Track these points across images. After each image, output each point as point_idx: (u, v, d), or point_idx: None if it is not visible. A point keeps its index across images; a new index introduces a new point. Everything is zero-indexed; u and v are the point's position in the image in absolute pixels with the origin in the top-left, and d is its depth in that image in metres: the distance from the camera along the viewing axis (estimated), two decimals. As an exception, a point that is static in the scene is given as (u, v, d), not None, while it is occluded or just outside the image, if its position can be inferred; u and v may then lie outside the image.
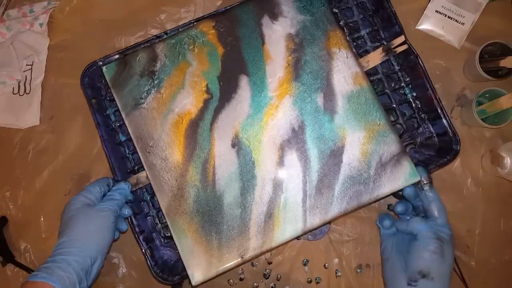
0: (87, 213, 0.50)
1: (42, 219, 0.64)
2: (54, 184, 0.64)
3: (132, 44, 0.61)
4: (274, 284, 0.61)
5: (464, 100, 0.64)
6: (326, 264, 0.61)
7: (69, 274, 0.45)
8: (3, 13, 0.68)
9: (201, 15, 0.61)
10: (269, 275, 0.61)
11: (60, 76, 0.67)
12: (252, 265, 0.62)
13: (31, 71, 0.67)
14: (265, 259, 0.62)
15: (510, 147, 0.60)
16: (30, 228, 0.64)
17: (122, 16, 0.66)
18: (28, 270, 0.62)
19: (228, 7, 0.59)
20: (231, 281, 0.61)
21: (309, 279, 0.61)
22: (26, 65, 0.67)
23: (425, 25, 0.65)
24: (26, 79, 0.67)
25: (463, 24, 0.64)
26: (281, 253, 0.62)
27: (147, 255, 0.57)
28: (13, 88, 0.67)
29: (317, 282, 0.61)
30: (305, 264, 0.61)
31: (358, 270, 0.61)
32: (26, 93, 0.66)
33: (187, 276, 0.52)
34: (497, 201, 0.62)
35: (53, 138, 0.66)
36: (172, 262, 0.60)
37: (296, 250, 0.62)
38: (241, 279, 0.62)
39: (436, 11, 0.65)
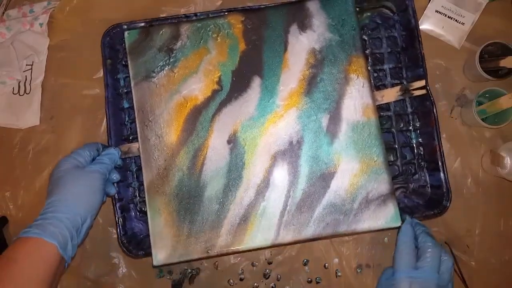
0: (76, 174, 0.50)
1: (42, 219, 0.64)
2: (54, 184, 0.64)
3: (160, 16, 0.61)
4: (274, 284, 0.61)
5: (464, 100, 0.64)
6: (326, 264, 0.61)
7: (62, 230, 0.46)
8: (3, 13, 0.68)
9: (232, 8, 0.61)
10: (269, 275, 0.61)
11: (60, 76, 0.67)
12: (252, 265, 0.62)
13: (31, 71, 0.67)
14: (265, 259, 0.62)
15: (510, 147, 0.60)
16: (30, 228, 0.64)
17: (122, 16, 0.66)
18: (28, 270, 0.62)
19: (261, 6, 0.59)
20: (231, 281, 0.61)
21: (309, 279, 0.61)
22: (26, 65, 0.67)
23: (425, 25, 0.65)
24: (26, 79, 0.67)
25: (463, 24, 0.64)
26: (281, 253, 0.62)
27: (118, 223, 0.57)
28: (13, 88, 0.67)
29: (317, 282, 0.61)
30: (305, 264, 0.61)
31: (358, 270, 0.61)
32: (26, 93, 0.66)
33: (150, 254, 0.53)
34: (497, 201, 0.62)
35: (53, 138, 0.66)
36: (141, 236, 0.60)
37: (296, 250, 0.62)
38: (241, 279, 0.62)
39: (436, 11, 0.65)
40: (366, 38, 0.63)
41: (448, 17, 0.64)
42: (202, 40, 0.57)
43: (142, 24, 0.60)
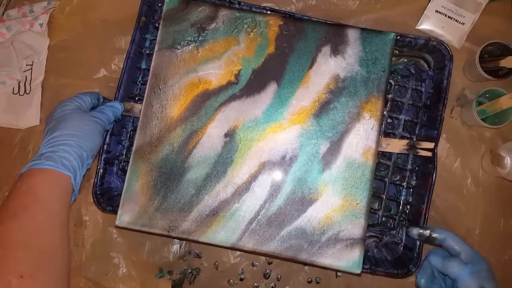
0: (82, 115, 0.51)
1: (42, 219, 0.64)
2: (54, 184, 0.64)
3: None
4: (274, 284, 0.61)
5: (464, 100, 0.64)
6: (326, 264, 0.61)
7: (72, 163, 0.46)
8: (3, 13, 0.68)
9: (275, 8, 0.60)
10: (269, 275, 0.61)
11: (60, 76, 0.67)
12: (252, 265, 0.62)
13: (31, 71, 0.67)
14: (265, 259, 0.62)
15: (510, 147, 0.60)
16: (30, 228, 0.64)
17: (122, 16, 0.66)
18: (28, 270, 0.62)
19: (304, 16, 0.59)
20: (232, 281, 0.61)
21: (309, 279, 0.61)
22: (26, 65, 0.67)
23: (425, 25, 0.65)
24: (26, 79, 0.67)
25: (463, 24, 0.64)
26: (281, 253, 0.62)
27: (98, 173, 0.58)
28: (13, 88, 0.67)
29: (317, 282, 0.61)
30: (305, 264, 0.62)
31: (358, 270, 0.61)
32: (26, 93, 0.66)
33: (116, 212, 0.54)
34: (497, 201, 0.62)
35: (53, 138, 0.66)
36: (115, 193, 0.60)
37: (296, 250, 0.62)
38: (241, 279, 0.62)
39: (436, 11, 0.65)
40: (392, 83, 0.61)
41: (448, 17, 0.64)
42: (236, 30, 0.57)
43: None
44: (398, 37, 0.58)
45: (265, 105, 0.55)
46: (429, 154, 0.57)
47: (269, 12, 0.59)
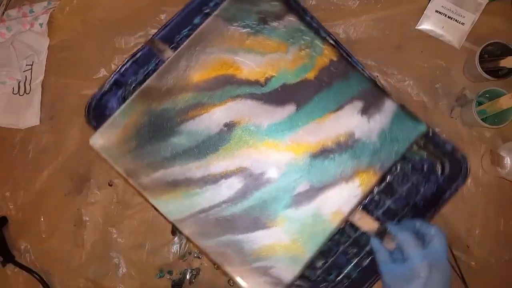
0: None
1: (42, 219, 0.64)
2: (54, 184, 0.64)
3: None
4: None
5: (464, 100, 0.64)
6: (326, 264, 0.61)
7: None
8: (3, 13, 0.68)
9: (336, 41, 0.59)
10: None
11: (60, 76, 0.67)
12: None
13: (31, 71, 0.67)
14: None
15: (510, 147, 0.60)
16: (30, 228, 0.64)
17: (122, 16, 0.66)
18: (28, 270, 0.62)
19: (357, 63, 0.58)
20: (231, 281, 0.61)
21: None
22: (26, 65, 0.67)
23: (425, 25, 0.65)
24: (26, 79, 0.67)
25: (463, 24, 0.64)
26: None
27: (103, 87, 0.58)
28: (13, 88, 0.67)
29: None
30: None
31: (358, 270, 0.61)
32: (26, 93, 0.66)
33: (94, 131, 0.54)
34: (497, 201, 0.62)
35: (53, 138, 0.66)
36: (107, 114, 0.59)
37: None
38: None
39: (436, 11, 0.65)
40: (398, 167, 0.59)
41: (448, 17, 0.64)
42: (292, 39, 0.55)
43: None
44: (429, 133, 0.56)
45: (274, 120, 0.54)
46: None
47: (331, 41, 0.58)
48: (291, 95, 0.55)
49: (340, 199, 0.53)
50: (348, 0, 0.65)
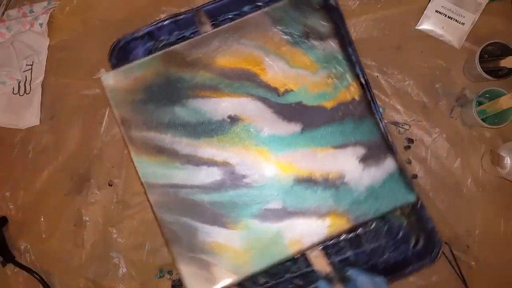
0: None
1: (42, 219, 0.64)
2: (54, 184, 0.64)
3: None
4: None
5: (464, 100, 0.64)
6: (326, 264, 0.61)
7: None
8: (3, 13, 0.68)
9: (369, 86, 0.57)
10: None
11: (60, 76, 0.67)
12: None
13: (31, 71, 0.67)
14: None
15: (510, 147, 0.60)
16: (30, 228, 0.64)
17: (122, 16, 0.66)
18: (28, 270, 0.62)
19: (378, 111, 0.56)
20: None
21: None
22: (26, 65, 0.67)
23: (425, 25, 0.65)
24: (26, 79, 0.67)
25: (463, 24, 0.64)
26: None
27: (136, 34, 0.60)
28: (13, 88, 0.67)
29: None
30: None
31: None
32: (26, 93, 0.66)
33: (114, 68, 0.55)
34: (497, 201, 0.62)
35: (53, 138, 0.66)
36: (129, 59, 0.60)
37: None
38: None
39: (436, 11, 0.65)
40: (373, 224, 0.58)
41: (448, 17, 0.64)
42: (325, 64, 0.55)
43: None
44: (417, 205, 0.56)
45: (277, 132, 0.54)
46: None
47: (361, 80, 0.56)
48: (302, 115, 0.54)
49: (305, 231, 0.52)
50: (348, 0, 0.65)
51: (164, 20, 0.60)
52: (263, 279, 0.57)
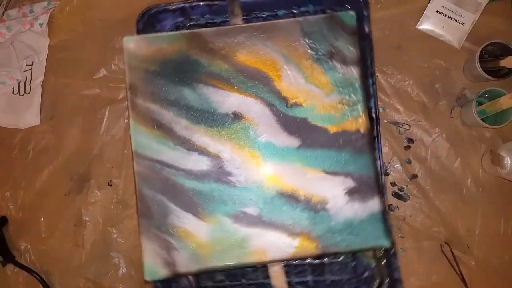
0: None
1: (42, 219, 0.64)
2: (54, 184, 0.64)
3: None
4: None
5: (464, 100, 0.64)
6: (326, 264, 0.61)
7: None
8: (3, 13, 0.68)
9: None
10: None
11: (60, 76, 0.67)
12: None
13: (31, 71, 0.67)
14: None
15: (510, 147, 0.60)
16: (30, 228, 0.64)
17: (122, 16, 0.66)
18: (28, 270, 0.62)
19: (378, 149, 0.57)
20: (231, 281, 0.61)
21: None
22: (26, 65, 0.67)
23: (425, 25, 0.65)
24: (26, 79, 0.67)
25: (463, 24, 0.64)
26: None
27: (170, 7, 0.61)
28: (13, 88, 0.67)
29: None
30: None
31: (358, 270, 0.61)
32: (26, 93, 0.66)
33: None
34: (497, 201, 0.62)
35: (53, 138, 0.66)
36: (155, 28, 0.62)
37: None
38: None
39: (436, 11, 0.65)
40: (341, 257, 0.58)
41: (448, 17, 0.64)
42: (340, 88, 0.55)
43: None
44: (390, 251, 0.56)
45: (274, 141, 0.54)
46: None
47: (372, 115, 0.57)
48: (304, 132, 0.54)
49: (272, 244, 0.53)
50: (348, 0, 0.65)
51: (200, 1, 0.60)
52: (220, 276, 0.58)
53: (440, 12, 0.65)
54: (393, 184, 0.63)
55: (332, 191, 0.53)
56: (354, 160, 0.54)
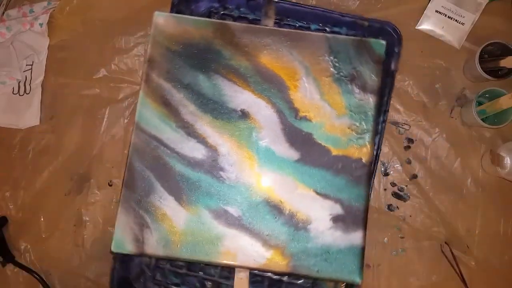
0: None
1: (42, 219, 0.64)
2: (54, 184, 0.64)
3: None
4: None
5: (464, 100, 0.64)
6: (326, 264, 0.61)
7: None
8: (3, 13, 0.68)
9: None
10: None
11: (60, 76, 0.67)
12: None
13: (31, 71, 0.67)
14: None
15: (510, 147, 0.60)
16: (30, 228, 0.64)
17: (122, 16, 0.66)
18: (28, 270, 0.62)
19: (372, 184, 0.58)
20: (231, 281, 0.61)
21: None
22: (26, 65, 0.67)
23: (425, 25, 0.65)
24: (26, 79, 0.67)
25: (463, 24, 0.64)
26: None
27: None
28: (13, 88, 0.67)
29: (317, 282, 0.61)
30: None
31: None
32: (26, 93, 0.66)
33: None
34: (497, 201, 0.62)
35: (53, 138, 0.66)
36: (189, 9, 0.62)
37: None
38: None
39: (436, 11, 0.65)
40: (302, 280, 0.58)
41: (448, 17, 0.64)
42: (353, 113, 0.55)
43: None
44: None
45: (274, 148, 0.54)
46: None
47: (380, 147, 0.58)
48: (306, 147, 0.54)
49: (244, 250, 0.53)
50: (348, 0, 0.65)
51: None
52: (183, 268, 0.59)
53: (440, 12, 0.65)
54: (393, 184, 0.63)
55: (318, 212, 0.53)
56: (348, 188, 0.54)
